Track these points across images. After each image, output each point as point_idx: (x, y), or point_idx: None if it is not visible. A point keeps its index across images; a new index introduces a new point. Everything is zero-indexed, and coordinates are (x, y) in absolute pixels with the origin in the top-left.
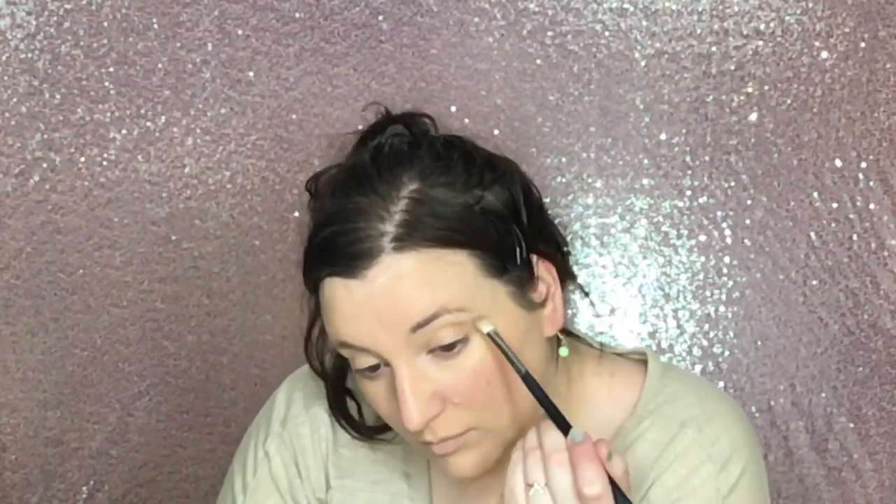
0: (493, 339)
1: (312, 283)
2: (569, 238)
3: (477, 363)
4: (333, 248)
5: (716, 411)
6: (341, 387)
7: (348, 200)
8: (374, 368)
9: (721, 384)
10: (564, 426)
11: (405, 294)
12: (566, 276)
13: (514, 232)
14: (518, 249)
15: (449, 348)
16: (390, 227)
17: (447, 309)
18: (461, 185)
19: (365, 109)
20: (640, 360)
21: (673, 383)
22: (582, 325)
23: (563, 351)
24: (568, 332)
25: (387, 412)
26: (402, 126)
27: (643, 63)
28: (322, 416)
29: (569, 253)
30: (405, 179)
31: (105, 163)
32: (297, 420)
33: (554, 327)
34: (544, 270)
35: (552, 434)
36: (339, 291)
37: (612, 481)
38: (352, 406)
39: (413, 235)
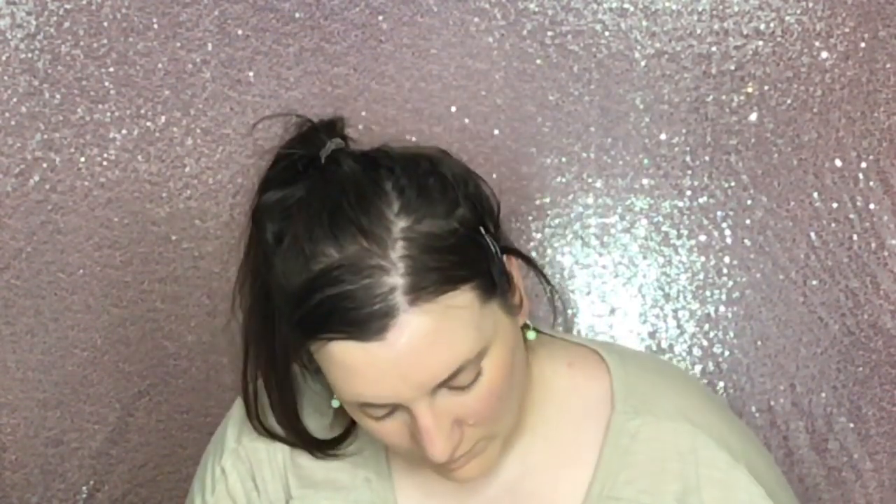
0: None
1: (306, 344)
2: (569, 238)
3: (489, 386)
4: (340, 312)
5: (692, 398)
6: (297, 423)
7: (338, 251)
8: (388, 413)
9: (721, 384)
10: None
11: (428, 355)
12: (518, 258)
13: (488, 242)
14: (498, 260)
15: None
16: (398, 279)
17: (469, 359)
18: (443, 212)
19: (272, 119)
20: (590, 348)
21: (638, 373)
22: (582, 325)
23: (531, 335)
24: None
25: (399, 443)
26: (338, 139)
27: (643, 63)
28: (276, 429)
29: (516, 248)
30: (390, 216)
31: (105, 163)
32: (252, 435)
33: (525, 316)
34: (513, 266)
35: None
36: (358, 354)
37: None
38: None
39: (424, 287)
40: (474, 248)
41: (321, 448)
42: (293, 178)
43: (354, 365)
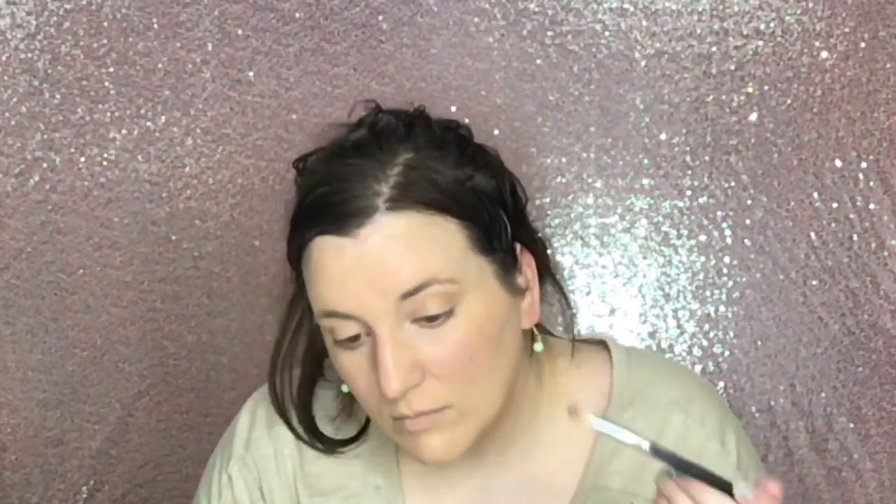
0: (600, 426)
1: (298, 248)
2: (569, 238)
3: (461, 336)
4: (325, 206)
5: (692, 391)
6: (309, 407)
7: (342, 163)
8: (355, 339)
9: (721, 384)
10: (721, 483)
11: (396, 259)
12: (545, 272)
13: (500, 215)
14: (504, 234)
15: (433, 319)
16: (385, 188)
17: (437, 279)
18: (454, 160)
19: (354, 107)
20: (601, 344)
21: (640, 367)
22: (582, 325)
23: (538, 346)
24: (541, 328)
25: (362, 386)
26: (391, 116)
27: (643, 63)
28: (285, 435)
29: (547, 257)
30: (400, 149)
31: (105, 163)
32: (259, 441)
33: (531, 320)
34: (525, 262)
35: (714, 496)
36: (329, 252)
37: None
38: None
39: (407, 197)
40: (475, 201)
41: (325, 443)
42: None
43: (325, 263)
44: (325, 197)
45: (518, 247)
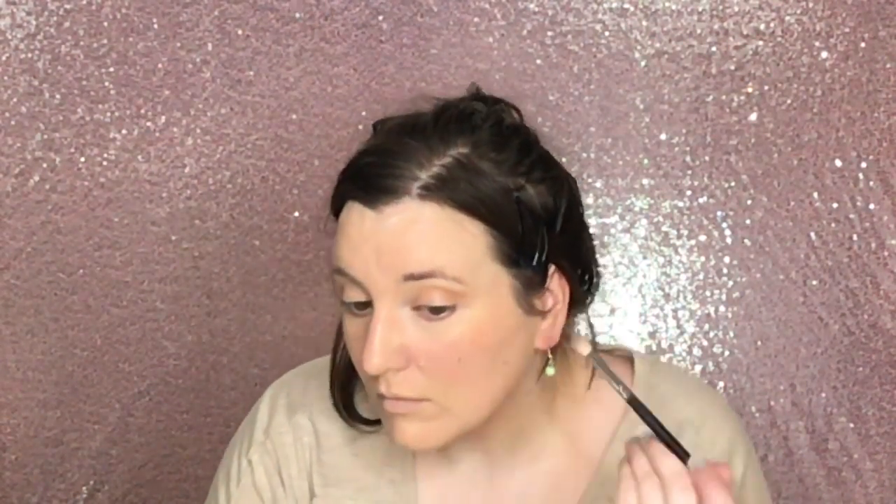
0: (594, 360)
1: (338, 203)
2: None
3: (455, 337)
4: (363, 175)
5: (707, 412)
6: (349, 381)
7: (398, 140)
8: (361, 307)
9: (721, 384)
10: (680, 451)
11: (410, 241)
12: (578, 302)
13: (541, 234)
14: (538, 252)
15: (436, 311)
16: (423, 175)
17: (443, 273)
18: (509, 167)
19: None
20: (626, 357)
21: (662, 383)
22: (582, 324)
23: (550, 371)
24: (567, 339)
25: (357, 355)
26: (481, 103)
27: (643, 63)
28: (305, 424)
29: (593, 286)
30: (458, 142)
31: (105, 163)
32: (280, 429)
33: (546, 343)
34: (557, 285)
35: (669, 459)
36: (354, 217)
37: None
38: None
39: (440, 189)
40: (514, 212)
41: (357, 419)
42: None
43: (349, 229)
44: (367, 167)
45: (552, 268)
